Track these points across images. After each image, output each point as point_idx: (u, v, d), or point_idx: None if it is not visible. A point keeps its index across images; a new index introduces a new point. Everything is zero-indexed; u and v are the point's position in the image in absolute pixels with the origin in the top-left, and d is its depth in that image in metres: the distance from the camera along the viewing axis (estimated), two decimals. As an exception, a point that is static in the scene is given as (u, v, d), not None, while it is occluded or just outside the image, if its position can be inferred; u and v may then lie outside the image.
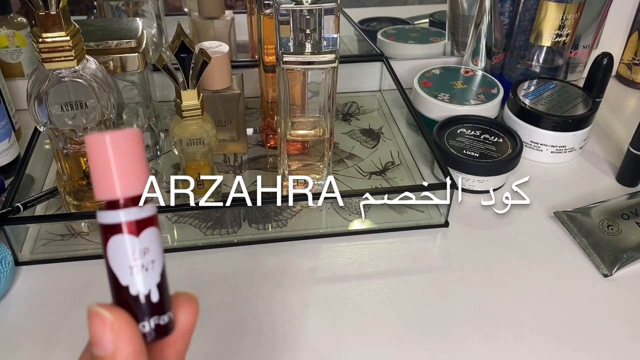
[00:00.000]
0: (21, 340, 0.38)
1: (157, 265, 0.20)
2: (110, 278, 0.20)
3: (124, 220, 0.19)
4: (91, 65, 0.40)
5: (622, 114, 0.66)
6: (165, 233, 0.47)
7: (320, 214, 0.49)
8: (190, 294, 0.22)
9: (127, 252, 0.19)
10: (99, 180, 0.19)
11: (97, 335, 0.18)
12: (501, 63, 0.65)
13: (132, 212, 0.19)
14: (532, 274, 0.44)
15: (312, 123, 0.46)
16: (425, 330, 0.39)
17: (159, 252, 0.20)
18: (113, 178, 0.19)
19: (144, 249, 0.20)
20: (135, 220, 0.19)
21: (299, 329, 0.39)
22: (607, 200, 0.50)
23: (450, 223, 0.48)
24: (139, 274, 0.20)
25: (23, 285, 0.42)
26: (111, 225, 0.19)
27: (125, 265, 0.19)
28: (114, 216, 0.19)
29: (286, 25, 0.40)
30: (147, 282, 0.20)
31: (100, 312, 0.19)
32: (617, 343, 0.39)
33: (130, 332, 0.19)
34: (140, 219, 0.19)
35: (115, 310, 0.19)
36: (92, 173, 0.19)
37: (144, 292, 0.20)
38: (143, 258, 0.20)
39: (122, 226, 0.19)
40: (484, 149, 0.52)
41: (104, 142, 0.19)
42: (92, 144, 0.19)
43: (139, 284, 0.20)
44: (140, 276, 0.20)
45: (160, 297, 0.20)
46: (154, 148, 0.55)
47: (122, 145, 0.19)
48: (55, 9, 0.36)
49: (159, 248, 0.20)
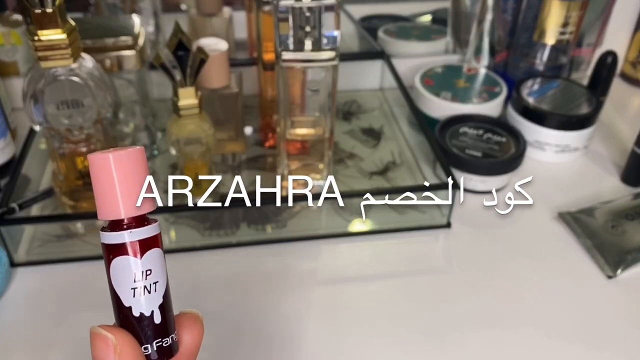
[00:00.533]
0: (17, 342, 0.38)
1: (159, 286, 0.20)
2: (113, 298, 0.20)
3: (127, 241, 0.19)
4: (87, 64, 0.40)
5: (626, 113, 0.66)
6: (162, 234, 0.46)
7: (320, 215, 0.49)
8: (195, 314, 0.22)
9: (130, 274, 0.19)
10: (103, 200, 0.19)
11: (100, 358, 0.18)
12: (504, 61, 0.64)
13: (135, 233, 0.19)
14: (535, 275, 0.43)
15: (311, 122, 0.45)
16: (427, 332, 0.39)
17: (162, 273, 0.20)
18: (117, 198, 0.19)
19: (146, 271, 0.19)
20: (138, 241, 0.19)
21: (298, 331, 0.38)
22: (611, 201, 0.49)
23: (452, 224, 0.48)
24: (141, 296, 0.19)
25: (19, 287, 0.41)
26: (114, 245, 0.19)
27: (127, 287, 0.19)
28: (117, 237, 0.19)
29: (285, 23, 0.39)
30: (150, 304, 0.20)
31: (104, 334, 0.18)
32: (621, 344, 0.38)
33: (134, 355, 0.19)
34: (143, 239, 0.19)
35: (118, 333, 0.19)
36: (96, 192, 0.19)
37: (146, 314, 0.20)
38: (145, 280, 0.19)
39: (126, 247, 0.19)
40: (486, 149, 0.51)
41: (108, 161, 0.18)
42: (95, 163, 0.19)
43: (141, 305, 0.19)
44: (143, 298, 0.19)
45: (162, 318, 0.20)
46: (150, 147, 0.54)
47: (126, 164, 0.19)
48: (51, 6, 0.36)
49: (162, 269, 0.20)
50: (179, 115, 0.43)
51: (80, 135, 0.42)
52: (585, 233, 0.46)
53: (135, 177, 0.19)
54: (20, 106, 0.55)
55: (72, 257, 0.43)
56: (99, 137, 0.43)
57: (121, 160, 0.19)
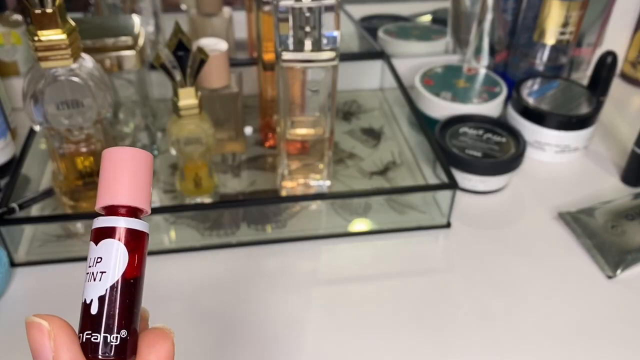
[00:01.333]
0: (17, 342, 0.37)
1: (106, 278, 0.19)
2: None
3: (93, 227, 0.20)
4: (87, 64, 0.40)
5: (626, 113, 0.66)
6: (162, 234, 0.46)
7: (320, 215, 0.49)
8: (165, 330, 0.20)
9: (88, 258, 0.20)
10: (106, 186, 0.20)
11: (36, 345, 0.18)
12: (504, 61, 0.64)
13: (98, 220, 0.20)
14: (535, 275, 0.43)
15: (311, 122, 0.45)
16: (427, 332, 0.39)
17: (114, 267, 0.20)
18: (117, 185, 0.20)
19: (97, 258, 0.19)
20: (95, 228, 0.20)
21: (299, 332, 0.38)
22: (611, 201, 0.49)
23: (452, 224, 0.48)
24: (87, 282, 0.20)
25: (19, 287, 0.41)
26: (95, 229, 0.20)
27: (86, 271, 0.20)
28: (97, 221, 0.20)
29: (285, 23, 0.39)
30: (90, 292, 0.19)
31: (37, 321, 0.18)
32: (621, 344, 0.38)
33: (69, 339, 0.18)
34: (99, 227, 0.20)
35: (52, 319, 0.19)
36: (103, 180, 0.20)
37: (86, 301, 0.20)
38: (95, 267, 0.19)
39: (93, 232, 0.20)
40: (486, 149, 0.51)
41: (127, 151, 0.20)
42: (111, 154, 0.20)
43: (85, 291, 0.20)
44: (87, 284, 0.20)
45: (99, 311, 0.19)
46: (150, 147, 0.54)
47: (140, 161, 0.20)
48: (51, 6, 0.36)
49: (116, 262, 0.20)
50: (179, 115, 0.43)
51: (80, 135, 0.42)
52: (585, 233, 0.46)
53: (143, 175, 0.20)
54: (20, 106, 0.55)
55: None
56: (99, 137, 0.43)
57: (137, 156, 0.20)
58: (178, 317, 0.39)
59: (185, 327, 0.39)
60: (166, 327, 0.20)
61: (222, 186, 0.51)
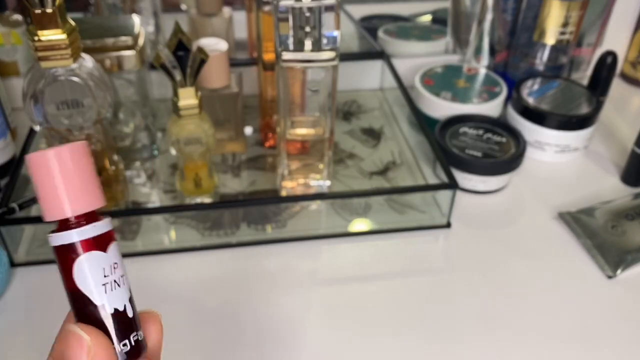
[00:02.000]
0: (17, 342, 0.37)
1: (126, 280, 0.20)
2: (76, 300, 0.19)
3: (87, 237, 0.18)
4: (87, 64, 0.40)
5: (626, 113, 0.66)
6: (162, 234, 0.46)
7: (320, 215, 0.49)
8: (153, 313, 0.21)
9: (100, 270, 0.19)
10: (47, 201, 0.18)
11: (72, 357, 0.18)
12: (504, 61, 0.64)
13: (95, 228, 0.19)
14: (535, 275, 0.43)
15: (311, 122, 0.45)
16: (427, 332, 0.39)
17: (125, 269, 0.20)
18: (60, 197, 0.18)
19: (113, 264, 0.19)
20: (99, 235, 0.19)
21: (298, 332, 0.38)
22: (611, 201, 0.49)
23: (452, 224, 0.48)
24: (113, 291, 0.19)
25: (19, 287, 0.41)
26: (72, 244, 0.18)
27: (98, 284, 0.19)
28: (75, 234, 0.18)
29: (285, 23, 0.39)
30: (122, 298, 0.19)
31: (79, 334, 0.18)
32: (621, 344, 0.38)
33: (107, 355, 0.18)
34: (102, 233, 0.19)
35: (93, 333, 0.18)
36: (38, 193, 0.18)
37: (120, 309, 0.19)
38: (114, 273, 0.19)
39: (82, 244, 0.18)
40: (486, 149, 0.51)
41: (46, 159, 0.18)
42: (34, 162, 0.18)
43: (115, 300, 0.19)
44: (115, 292, 0.19)
45: (134, 313, 0.20)
46: (150, 147, 0.54)
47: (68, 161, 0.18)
48: (51, 6, 0.36)
49: (123, 263, 0.20)
50: (179, 115, 0.43)
51: (80, 135, 0.42)
52: (585, 233, 0.46)
53: (78, 174, 0.18)
54: (20, 106, 0.55)
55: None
56: (99, 137, 0.43)
57: (61, 158, 0.18)
58: (178, 317, 0.39)
59: (185, 327, 0.39)
60: (152, 310, 0.21)
61: (222, 186, 0.51)
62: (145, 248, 0.45)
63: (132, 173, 0.52)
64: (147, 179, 0.51)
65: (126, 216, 0.46)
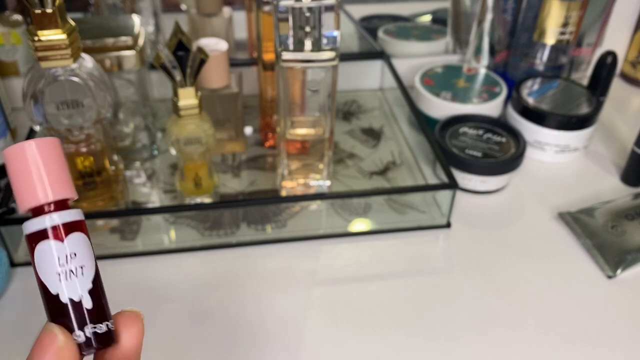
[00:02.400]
0: (17, 342, 0.37)
1: (87, 270, 0.20)
2: (40, 289, 0.19)
3: (48, 226, 0.19)
4: (87, 64, 0.40)
5: (626, 113, 0.66)
6: (162, 234, 0.46)
7: (320, 215, 0.49)
8: (135, 312, 0.21)
9: (54, 258, 0.19)
10: (21, 190, 0.19)
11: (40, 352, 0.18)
12: (504, 61, 0.64)
13: (54, 217, 0.19)
14: (535, 276, 0.43)
15: (311, 122, 0.45)
16: (427, 333, 0.39)
17: (89, 259, 0.20)
18: (35, 185, 0.19)
19: (70, 254, 0.19)
20: (57, 225, 0.19)
21: (298, 331, 0.38)
22: (611, 201, 0.49)
23: (452, 224, 0.48)
24: (67, 280, 0.19)
25: (19, 287, 0.41)
26: (35, 232, 0.19)
27: (53, 273, 0.19)
28: (37, 223, 0.19)
29: (285, 23, 0.39)
30: (78, 288, 0.19)
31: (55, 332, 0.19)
32: (621, 344, 0.38)
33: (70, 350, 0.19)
34: (63, 223, 0.19)
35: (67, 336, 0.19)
36: (14, 184, 0.19)
37: (75, 299, 0.19)
38: (70, 264, 0.19)
39: (47, 232, 0.19)
40: (486, 149, 0.51)
41: (23, 149, 0.19)
42: (10, 154, 0.19)
43: (69, 290, 0.19)
44: (70, 282, 0.19)
45: (94, 304, 0.20)
46: (150, 147, 0.54)
47: (43, 152, 0.19)
48: (51, 6, 0.36)
49: (88, 254, 0.20)
50: (179, 115, 0.43)
51: (80, 135, 0.42)
52: (585, 233, 0.46)
53: (52, 164, 0.19)
54: (20, 106, 0.55)
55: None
56: (99, 137, 0.43)
57: (36, 148, 0.19)
58: (178, 317, 0.39)
59: (185, 327, 0.39)
60: (135, 309, 0.21)
61: (222, 186, 0.51)
62: (145, 248, 0.45)
63: (132, 173, 0.52)
64: (147, 179, 0.52)
65: (126, 216, 0.46)
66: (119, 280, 0.42)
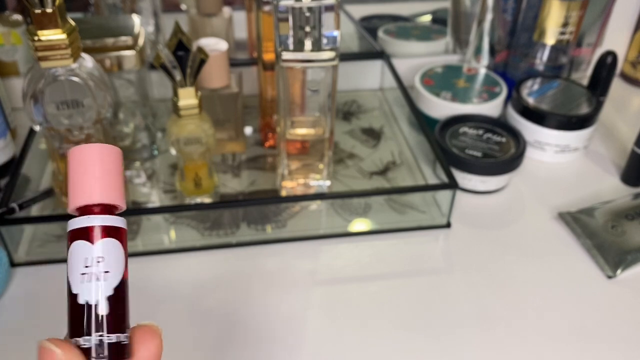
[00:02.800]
0: (16, 343, 0.37)
1: (111, 277, 0.19)
2: (67, 286, 0.19)
3: (84, 225, 0.19)
4: (87, 64, 0.40)
5: (626, 113, 0.66)
6: (162, 234, 0.46)
7: (320, 215, 0.49)
8: (153, 327, 0.21)
9: (81, 258, 0.19)
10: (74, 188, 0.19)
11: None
12: (504, 61, 0.64)
13: (92, 219, 0.19)
14: (535, 276, 0.43)
15: (312, 122, 0.45)
16: (427, 333, 0.39)
17: (116, 267, 0.20)
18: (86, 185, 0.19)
19: (97, 257, 0.19)
20: (93, 226, 0.19)
21: (298, 331, 0.38)
22: (611, 201, 0.49)
23: (452, 224, 0.48)
24: (89, 282, 0.19)
25: (19, 287, 0.41)
26: (73, 230, 0.19)
27: (77, 272, 0.19)
28: (77, 222, 0.19)
29: (285, 23, 0.39)
30: (96, 293, 0.19)
31: (51, 349, 0.18)
32: (621, 344, 0.38)
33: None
34: (100, 225, 0.19)
35: (67, 347, 0.18)
36: (70, 183, 0.20)
37: (91, 303, 0.19)
38: (96, 267, 0.19)
39: (82, 231, 0.19)
40: (486, 149, 0.51)
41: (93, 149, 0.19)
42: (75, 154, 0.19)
43: (87, 293, 0.19)
44: (90, 285, 0.19)
45: (110, 312, 0.19)
46: (150, 147, 0.54)
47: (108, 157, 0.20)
48: (51, 6, 0.36)
49: (117, 261, 0.20)
50: (179, 115, 0.43)
51: (80, 135, 0.42)
52: (585, 233, 0.46)
53: (108, 170, 0.20)
54: (20, 106, 0.55)
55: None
56: (99, 137, 0.43)
57: (105, 152, 0.20)
58: (178, 317, 0.39)
59: (185, 327, 0.39)
60: (154, 324, 0.21)
61: (222, 186, 0.51)
62: (145, 248, 0.45)
63: (132, 173, 0.52)
64: (147, 179, 0.52)
65: (126, 216, 0.46)
66: (119, 280, 0.42)
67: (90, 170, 0.19)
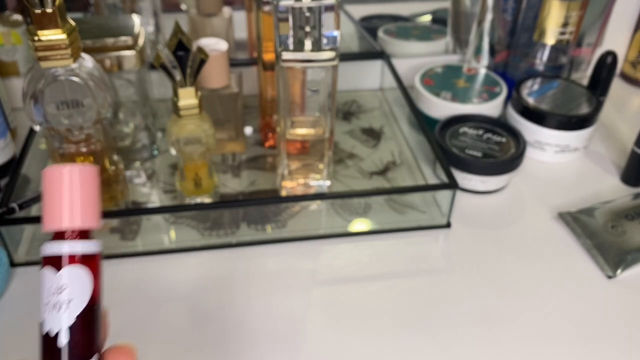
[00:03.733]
0: (16, 343, 0.37)
1: (74, 305, 0.19)
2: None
3: (51, 254, 0.19)
4: (87, 64, 0.40)
5: (626, 113, 0.66)
6: (162, 234, 0.46)
7: (320, 215, 0.49)
8: (126, 348, 0.20)
9: (44, 287, 0.19)
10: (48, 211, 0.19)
11: None
12: (504, 61, 0.64)
13: (60, 246, 0.19)
14: (535, 276, 0.43)
15: (311, 122, 0.45)
16: (427, 332, 0.39)
17: (81, 292, 0.19)
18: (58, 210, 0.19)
19: (60, 286, 0.19)
20: (60, 255, 0.19)
21: (298, 332, 0.38)
22: (611, 201, 0.49)
23: (452, 224, 0.48)
24: (50, 312, 0.19)
25: (19, 287, 0.41)
26: (44, 257, 0.19)
27: (42, 301, 0.19)
28: (47, 248, 0.19)
29: (285, 23, 0.39)
30: (56, 322, 0.19)
31: None
32: (621, 344, 0.38)
33: None
34: (63, 254, 0.19)
35: None
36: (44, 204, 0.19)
37: (51, 334, 0.19)
38: (57, 296, 0.19)
39: (49, 259, 0.19)
40: (486, 149, 0.51)
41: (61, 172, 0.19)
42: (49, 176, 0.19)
43: (48, 321, 0.19)
44: (51, 315, 0.19)
45: (72, 340, 0.19)
46: (150, 147, 0.54)
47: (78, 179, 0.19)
48: (51, 6, 0.36)
49: (82, 288, 0.19)
50: (179, 115, 0.43)
51: (80, 135, 0.42)
52: (585, 233, 0.46)
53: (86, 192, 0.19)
54: (20, 106, 0.55)
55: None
56: (99, 137, 0.43)
57: (77, 173, 0.19)
58: (178, 317, 0.39)
59: (186, 327, 0.39)
60: (128, 344, 0.20)
61: (222, 186, 0.51)
62: (145, 248, 0.45)
63: (132, 173, 0.52)
64: (147, 179, 0.52)
65: (126, 216, 0.46)
66: (119, 280, 0.42)
67: (61, 194, 0.19)
